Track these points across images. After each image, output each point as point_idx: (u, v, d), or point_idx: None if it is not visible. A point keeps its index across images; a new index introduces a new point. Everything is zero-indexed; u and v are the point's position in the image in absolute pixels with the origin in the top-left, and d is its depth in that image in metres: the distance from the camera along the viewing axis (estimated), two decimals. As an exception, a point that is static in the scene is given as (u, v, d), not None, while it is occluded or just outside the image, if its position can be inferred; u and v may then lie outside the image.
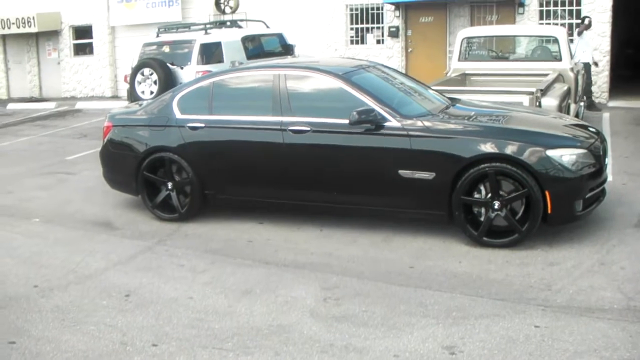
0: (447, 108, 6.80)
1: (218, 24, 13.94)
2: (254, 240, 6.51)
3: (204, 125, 6.98)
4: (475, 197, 6.00)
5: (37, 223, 7.46)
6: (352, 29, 17.33)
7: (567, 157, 5.82)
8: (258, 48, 13.46)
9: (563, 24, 14.22)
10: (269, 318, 4.77)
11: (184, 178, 7.10)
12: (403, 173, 6.12)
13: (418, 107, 6.62)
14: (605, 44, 14.67)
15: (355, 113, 6.17)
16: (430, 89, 7.52)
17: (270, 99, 6.75)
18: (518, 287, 5.11)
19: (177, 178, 7.16)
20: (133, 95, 12.30)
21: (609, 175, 7.35)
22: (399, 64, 16.46)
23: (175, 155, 7.06)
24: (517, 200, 5.90)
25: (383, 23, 16.90)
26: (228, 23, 14.23)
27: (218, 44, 12.48)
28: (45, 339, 4.59)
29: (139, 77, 12.27)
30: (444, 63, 15.52)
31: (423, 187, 6.07)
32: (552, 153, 5.79)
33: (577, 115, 10.22)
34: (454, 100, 7.18)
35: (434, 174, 6.00)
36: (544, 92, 8.21)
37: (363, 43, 17.26)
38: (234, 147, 6.88)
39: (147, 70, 12.16)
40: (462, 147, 5.95)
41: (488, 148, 5.87)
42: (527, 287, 5.10)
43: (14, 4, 20.96)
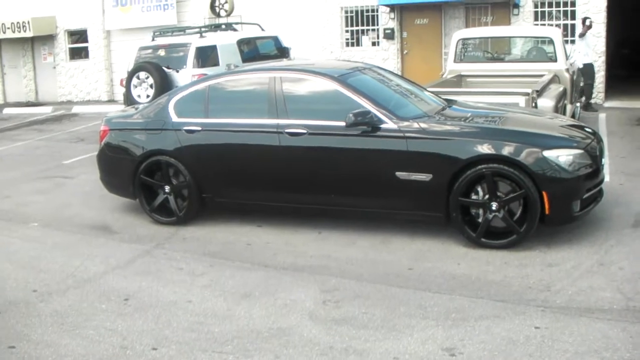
0: (443, 109, 6.81)
1: (213, 27, 13.94)
2: (253, 243, 6.51)
3: (201, 129, 6.98)
4: (473, 198, 6.00)
5: (35, 227, 7.45)
6: (347, 31, 17.33)
7: (563, 157, 5.83)
8: (253, 51, 13.46)
9: (558, 25, 14.22)
10: (269, 321, 4.77)
11: (181, 181, 7.10)
12: (400, 175, 6.12)
13: (414, 108, 6.63)
14: (601, 45, 14.69)
15: (352, 115, 6.17)
16: (426, 91, 7.53)
17: (266, 102, 6.75)
18: (517, 288, 5.12)
19: (174, 181, 7.16)
20: (129, 99, 12.32)
21: (606, 176, 7.38)
22: (395, 66, 16.47)
23: (172, 159, 7.06)
24: (514, 201, 5.90)
25: (378, 25, 16.90)
26: (223, 26, 14.23)
27: (213, 47, 12.49)
28: (45, 344, 4.58)
29: (135, 80, 12.27)
30: (440, 65, 15.54)
31: (420, 188, 6.07)
32: (548, 154, 5.80)
33: (573, 116, 10.23)
34: (450, 102, 7.18)
35: (431, 176, 6.00)
36: (540, 93, 8.22)
37: (358, 45, 17.27)
38: (231, 150, 6.88)
39: (143, 74, 12.19)
40: (458, 148, 5.95)
41: (485, 149, 5.87)
42: (526, 288, 5.10)
43: (9, 9, 20.95)
